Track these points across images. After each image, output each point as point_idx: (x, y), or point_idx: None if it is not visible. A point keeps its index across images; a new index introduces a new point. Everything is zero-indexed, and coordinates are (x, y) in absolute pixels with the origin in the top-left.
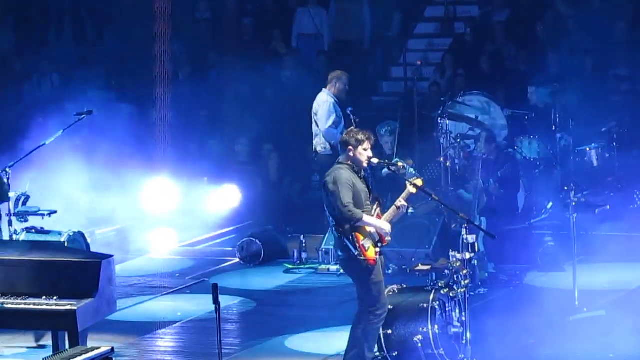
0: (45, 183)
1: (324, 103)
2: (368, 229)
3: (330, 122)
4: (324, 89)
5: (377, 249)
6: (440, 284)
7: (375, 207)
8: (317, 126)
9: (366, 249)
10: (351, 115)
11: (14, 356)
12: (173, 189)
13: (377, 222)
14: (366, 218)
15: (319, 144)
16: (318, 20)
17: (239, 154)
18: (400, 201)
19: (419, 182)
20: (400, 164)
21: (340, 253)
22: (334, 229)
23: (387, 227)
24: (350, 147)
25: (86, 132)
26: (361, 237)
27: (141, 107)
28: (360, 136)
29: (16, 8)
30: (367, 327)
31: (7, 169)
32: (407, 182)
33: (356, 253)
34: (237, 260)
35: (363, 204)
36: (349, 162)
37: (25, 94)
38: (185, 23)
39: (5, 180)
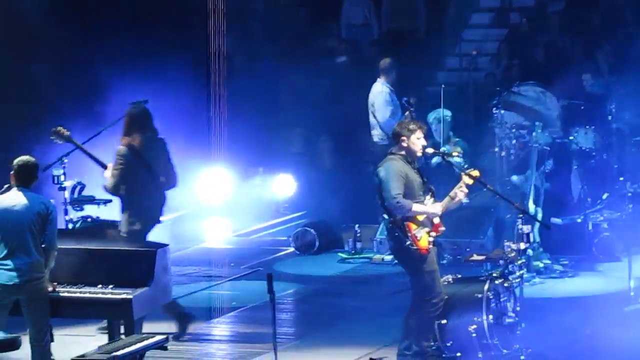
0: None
1: (379, 94)
2: (420, 218)
3: (388, 113)
4: (378, 79)
5: (430, 239)
6: (494, 274)
7: (428, 197)
8: (375, 117)
9: (418, 238)
10: (406, 105)
11: (72, 343)
12: (228, 179)
13: (426, 207)
14: (415, 207)
15: (376, 134)
16: (367, 10)
17: (293, 144)
18: (455, 191)
19: (476, 173)
20: (455, 153)
21: (392, 243)
22: (385, 219)
23: (436, 210)
24: (404, 138)
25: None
26: (413, 227)
27: (197, 97)
28: (412, 126)
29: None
30: (422, 316)
31: (64, 158)
32: (463, 173)
33: (408, 243)
34: (291, 249)
35: (416, 195)
36: (402, 153)
37: (82, 83)
38: (240, 13)
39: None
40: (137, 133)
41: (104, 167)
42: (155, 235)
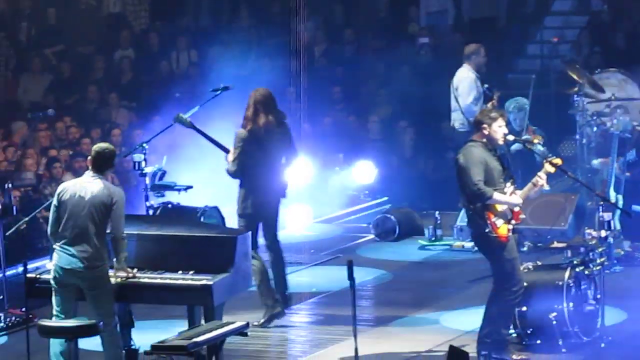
0: (182, 158)
1: (464, 79)
2: (499, 207)
3: (471, 98)
4: (464, 64)
5: (510, 226)
6: (575, 262)
7: (509, 184)
8: (457, 102)
9: (498, 226)
10: (488, 92)
11: (151, 329)
12: (309, 166)
13: (508, 198)
14: (496, 195)
15: (457, 120)
16: None
17: (373, 131)
18: (537, 179)
19: (558, 161)
20: (536, 140)
21: (472, 230)
22: (465, 206)
23: (517, 201)
24: (485, 125)
25: (224, 108)
26: (492, 215)
27: (277, 83)
28: (494, 114)
29: None
30: (502, 304)
31: (144, 144)
32: (545, 161)
33: (487, 230)
34: (372, 236)
35: (496, 182)
36: (483, 140)
37: (162, 70)
38: (321, 0)
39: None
40: (260, 116)
41: (227, 151)
42: (234, 221)
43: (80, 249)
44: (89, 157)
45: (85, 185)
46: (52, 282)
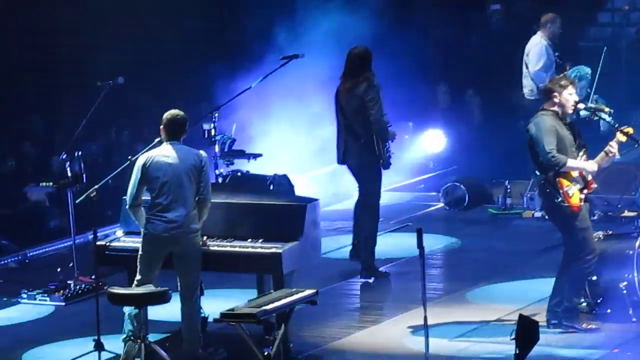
0: (252, 126)
1: (536, 45)
2: (573, 174)
3: (540, 65)
4: (538, 32)
5: (582, 195)
6: None
7: (581, 154)
8: (527, 68)
9: (570, 195)
10: (559, 61)
11: (220, 297)
12: None
13: (583, 164)
14: (570, 162)
15: (527, 86)
16: None
17: (443, 99)
18: (609, 148)
19: (629, 130)
20: (606, 109)
21: (543, 199)
22: (537, 175)
23: (593, 167)
24: (555, 94)
25: (294, 77)
26: (565, 183)
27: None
28: (564, 82)
29: None
30: (574, 273)
31: (215, 113)
32: (617, 130)
33: (559, 199)
34: (441, 205)
35: (567, 151)
36: (554, 109)
37: (231, 40)
38: None
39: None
40: (349, 76)
41: None
42: (307, 188)
43: (177, 214)
44: (162, 126)
45: (169, 152)
46: (140, 251)
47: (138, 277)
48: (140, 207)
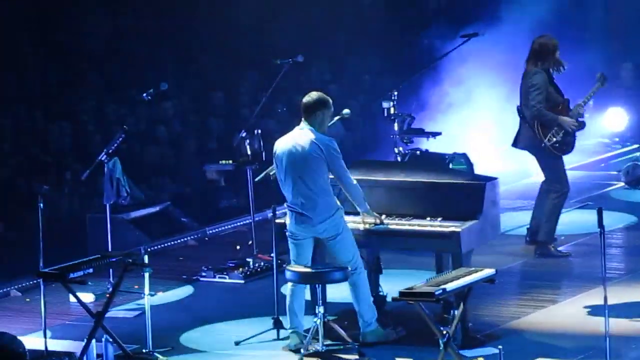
0: (430, 104)
1: None
2: None
3: None
4: None
5: None
6: None
7: None
8: None
9: None
10: None
11: (398, 276)
12: None
13: None
14: None
15: None
16: None
17: (625, 78)
18: None
19: None
20: None
21: None
22: None
23: None
24: None
25: (473, 55)
26: None
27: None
28: None
29: None
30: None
31: (394, 91)
32: None
33: None
34: (621, 184)
35: None
36: None
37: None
38: None
39: None
40: (528, 61)
41: None
42: (487, 167)
43: (305, 205)
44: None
45: (295, 139)
46: (288, 235)
47: (292, 261)
48: None
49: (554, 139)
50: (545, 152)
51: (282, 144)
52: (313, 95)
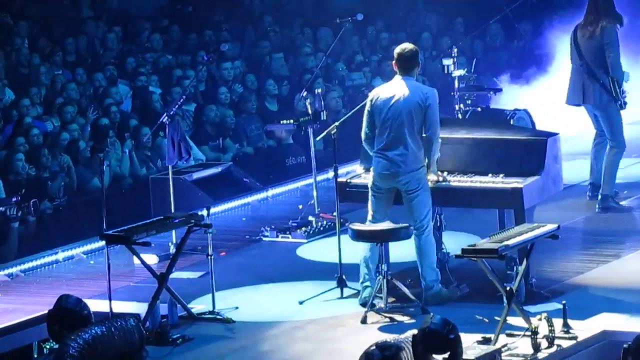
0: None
1: None
2: None
3: None
4: None
5: None
6: None
7: None
8: None
9: None
10: None
11: (461, 232)
12: None
13: None
14: None
15: None
16: None
17: None
18: None
19: None
20: None
21: None
22: None
23: None
24: None
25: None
26: None
27: None
28: None
29: None
30: None
31: (454, 48)
32: None
33: None
34: None
35: None
36: None
37: None
38: None
39: None
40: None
41: None
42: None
43: (397, 153)
44: (393, 61)
45: (396, 88)
46: (370, 187)
47: (370, 213)
48: (371, 142)
49: (624, 95)
50: (616, 109)
51: (383, 93)
52: (410, 47)
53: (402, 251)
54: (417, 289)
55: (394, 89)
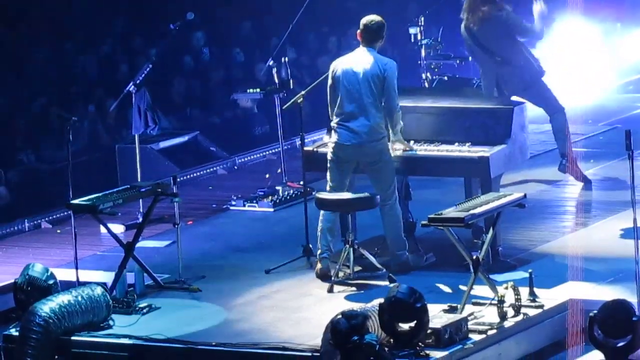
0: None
1: None
2: None
3: None
4: None
5: None
6: None
7: None
8: None
9: None
10: None
11: (427, 201)
12: (587, 31)
13: None
14: None
15: None
16: None
17: None
18: None
19: None
20: None
21: None
22: None
23: None
24: None
25: None
26: None
27: None
28: None
29: None
30: None
31: (421, 17)
32: None
33: None
34: None
35: None
36: None
37: None
38: None
39: None
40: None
41: None
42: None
43: (359, 124)
44: (358, 31)
45: (358, 60)
46: (329, 158)
47: (329, 184)
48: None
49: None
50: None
51: (343, 64)
52: (376, 19)
53: (369, 220)
54: (383, 258)
55: (354, 60)
